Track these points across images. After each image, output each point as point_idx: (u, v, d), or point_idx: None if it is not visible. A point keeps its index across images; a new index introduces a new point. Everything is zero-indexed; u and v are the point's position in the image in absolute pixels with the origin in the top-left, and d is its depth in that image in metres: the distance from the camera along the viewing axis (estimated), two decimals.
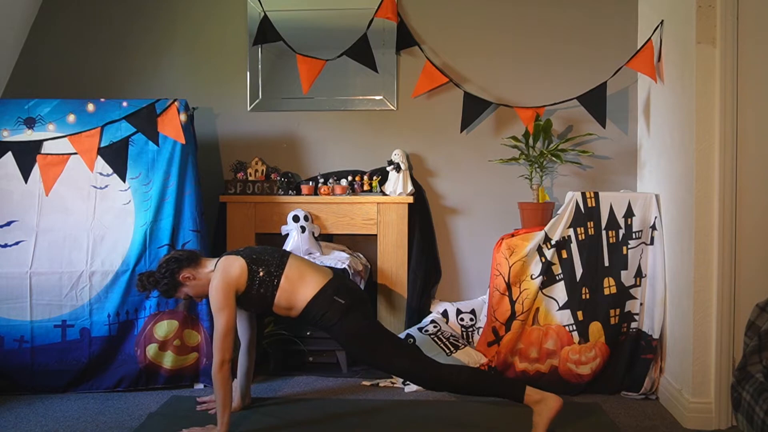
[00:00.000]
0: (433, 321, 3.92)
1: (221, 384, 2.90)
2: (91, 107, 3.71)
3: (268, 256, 3.09)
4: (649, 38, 3.67)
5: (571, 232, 3.59)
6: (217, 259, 3.12)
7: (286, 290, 3.05)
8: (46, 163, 3.66)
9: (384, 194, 4.07)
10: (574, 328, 3.57)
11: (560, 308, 3.59)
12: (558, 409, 2.89)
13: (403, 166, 4.06)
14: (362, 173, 4.18)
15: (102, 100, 3.76)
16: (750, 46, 3.03)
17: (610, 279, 3.57)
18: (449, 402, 3.43)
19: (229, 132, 4.32)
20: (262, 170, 4.17)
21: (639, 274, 3.56)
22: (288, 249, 3.94)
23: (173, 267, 3.08)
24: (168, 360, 3.59)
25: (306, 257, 3.92)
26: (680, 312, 3.29)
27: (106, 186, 3.67)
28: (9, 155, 3.65)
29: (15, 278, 3.53)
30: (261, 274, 3.03)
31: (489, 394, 3.07)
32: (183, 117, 3.71)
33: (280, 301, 3.06)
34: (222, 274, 3.00)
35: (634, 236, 3.56)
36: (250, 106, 4.30)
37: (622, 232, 3.57)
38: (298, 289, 3.05)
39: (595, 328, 3.57)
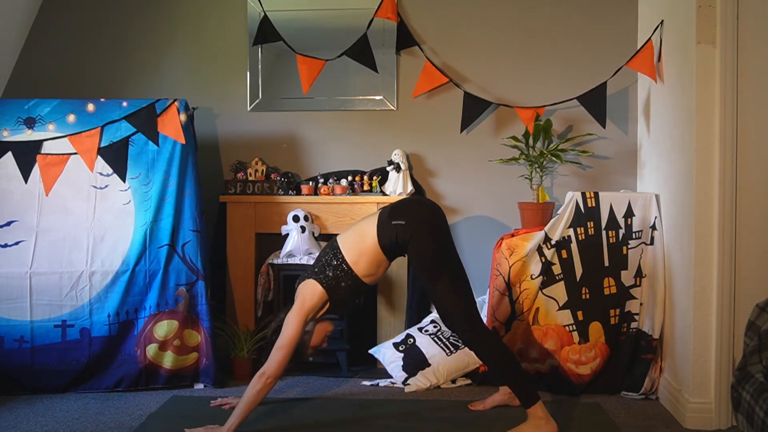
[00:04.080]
0: (433, 321, 3.92)
1: (251, 391, 2.88)
2: (91, 107, 3.71)
3: (324, 258, 3.07)
4: (649, 38, 3.67)
5: (571, 232, 3.59)
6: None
7: (359, 260, 3.01)
8: (46, 163, 3.66)
9: (384, 194, 4.06)
10: (574, 328, 3.57)
11: (560, 308, 3.59)
12: None
13: (403, 166, 4.06)
14: (362, 173, 4.17)
15: (102, 100, 3.76)
16: (750, 46, 3.03)
17: (610, 279, 3.57)
18: (450, 402, 3.44)
19: (229, 132, 4.32)
20: (262, 170, 4.17)
21: (639, 274, 3.56)
22: (288, 249, 3.94)
23: None
24: (168, 360, 3.59)
25: (306, 256, 3.93)
26: (680, 312, 3.29)
27: (106, 186, 3.67)
28: (9, 155, 3.65)
29: (15, 278, 3.53)
30: (330, 274, 3.02)
31: (509, 383, 3.06)
32: (183, 117, 3.71)
33: (365, 272, 3.03)
34: (299, 301, 3.02)
35: (634, 236, 3.56)
36: (250, 106, 4.30)
37: (622, 232, 3.57)
38: (362, 246, 3.02)
39: (595, 328, 3.56)
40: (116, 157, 3.67)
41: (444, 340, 3.76)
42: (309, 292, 3.02)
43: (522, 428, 2.90)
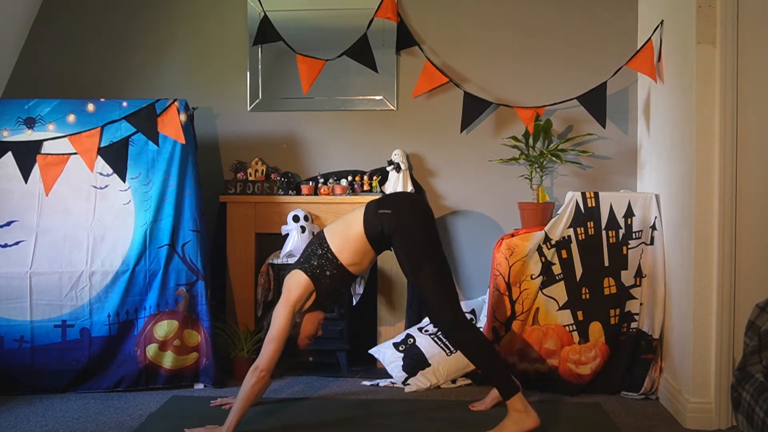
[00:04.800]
0: None
1: (245, 386, 2.89)
2: (91, 107, 3.71)
3: (310, 248, 3.11)
4: (649, 38, 3.67)
5: (571, 232, 3.59)
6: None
7: (344, 247, 3.04)
8: (46, 163, 3.66)
9: (384, 194, 4.06)
10: (574, 328, 3.57)
11: (560, 308, 3.59)
12: (531, 428, 2.86)
13: (403, 166, 4.06)
14: (362, 173, 4.18)
15: (102, 100, 3.76)
16: (750, 46, 3.03)
17: (610, 279, 3.57)
18: (449, 402, 3.44)
19: (229, 132, 4.32)
20: (262, 170, 4.17)
21: (639, 274, 3.56)
22: (288, 249, 3.94)
23: None
24: (168, 360, 3.59)
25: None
26: (680, 312, 3.29)
27: (106, 186, 3.67)
28: (9, 155, 3.65)
29: (15, 278, 3.53)
30: (315, 263, 3.04)
31: (487, 373, 3.07)
32: (183, 117, 3.72)
33: (349, 260, 3.05)
34: (285, 293, 3.04)
35: (634, 236, 3.56)
36: (250, 106, 4.30)
37: (622, 232, 3.57)
38: (348, 234, 3.05)
39: (595, 328, 3.56)
40: (116, 157, 3.67)
41: (444, 340, 3.75)
42: (294, 283, 3.04)
43: (503, 425, 2.90)
